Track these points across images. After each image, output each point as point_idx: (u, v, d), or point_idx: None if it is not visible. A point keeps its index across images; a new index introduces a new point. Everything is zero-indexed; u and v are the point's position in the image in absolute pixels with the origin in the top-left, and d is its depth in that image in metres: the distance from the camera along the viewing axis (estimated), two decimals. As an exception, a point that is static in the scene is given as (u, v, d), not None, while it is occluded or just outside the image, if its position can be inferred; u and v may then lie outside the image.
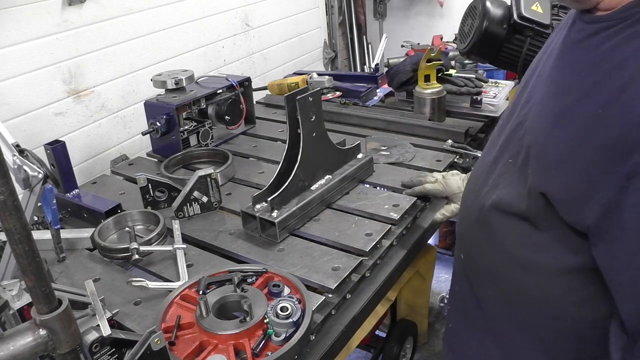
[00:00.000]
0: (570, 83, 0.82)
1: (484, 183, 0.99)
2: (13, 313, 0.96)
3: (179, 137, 1.77)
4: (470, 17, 1.60)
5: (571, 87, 0.82)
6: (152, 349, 0.85)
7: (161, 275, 1.25)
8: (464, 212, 1.10)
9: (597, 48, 0.79)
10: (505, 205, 0.92)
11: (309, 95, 1.34)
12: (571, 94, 0.81)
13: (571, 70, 0.84)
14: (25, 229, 0.59)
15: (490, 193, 0.96)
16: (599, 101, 0.75)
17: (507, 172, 0.93)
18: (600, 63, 0.77)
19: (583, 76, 0.80)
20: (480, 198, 0.99)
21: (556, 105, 0.84)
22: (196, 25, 2.29)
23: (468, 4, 1.62)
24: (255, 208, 1.34)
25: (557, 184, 0.81)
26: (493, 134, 1.08)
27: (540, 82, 0.92)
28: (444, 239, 3.06)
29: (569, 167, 0.78)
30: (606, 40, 0.78)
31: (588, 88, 0.77)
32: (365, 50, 3.43)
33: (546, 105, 0.87)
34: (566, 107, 0.81)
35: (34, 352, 0.65)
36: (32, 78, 1.71)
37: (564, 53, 0.87)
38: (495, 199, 0.94)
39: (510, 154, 0.94)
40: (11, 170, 1.04)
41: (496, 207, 0.94)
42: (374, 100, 2.16)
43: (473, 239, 1.04)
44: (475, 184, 1.03)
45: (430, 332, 2.61)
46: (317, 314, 1.09)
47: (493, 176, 0.97)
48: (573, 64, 0.84)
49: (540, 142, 0.85)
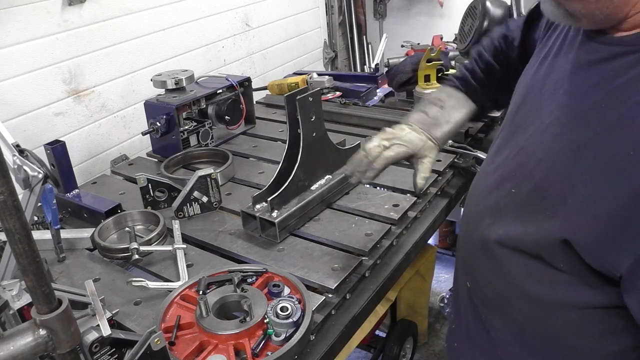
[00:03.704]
0: (588, 114, 0.74)
1: (486, 209, 0.94)
2: (13, 313, 0.96)
3: (179, 137, 1.77)
4: (470, 17, 1.60)
5: (589, 119, 0.74)
6: (152, 349, 0.85)
7: (161, 275, 1.25)
8: (465, 233, 1.04)
9: (617, 76, 0.71)
10: (513, 242, 0.85)
11: (309, 95, 1.34)
12: (590, 127, 0.73)
13: (586, 99, 0.76)
14: (25, 229, 0.59)
15: (495, 226, 0.90)
16: (629, 140, 0.68)
17: (511, 202, 0.87)
18: (623, 95, 0.70)
19: (603, 108, 0.72)
20: (482, 226, 0.94)
21: (573, 139, 0.76)
22: (196, 25, 2.29)
23: (468, 4, 1.62)
24: (255, 208, 1.34)
25: (583, 230, 0.73)
26: (492, 145, 1.04)
27: (545, 102, 0.85)
28: (444, 239, 3.06)
29: (596, 212, 0.71)
30: (628, 68, 0.70)
31: (612, 123, 0.70)
32: (365, 50, 3.43)
33: (559, 136, 0.79)
34: (587, 142, 0.73)
35: (34, 352, 0.65)
36: (32, 78, 1.71)
37: (575, 75, 0.80)
38: (502, 235, 0.88)
39: (513, 183, 0.87)
40: (11, 170, 1.04)
41: (502, 244, 0.88)
42: (374, 100, 2.16)
43: (478, 268, 0.98)
44: (477, 205, 0.98)
45: (430, 332, 2.61)
46: (317, 314, 1.09)
47: (494, 202, 0.91)
48: (588, 91, 0.76)
49: (559, 181, 0.77)
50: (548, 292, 0.83)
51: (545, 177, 0.80)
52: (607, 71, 0.74)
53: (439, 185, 1.54)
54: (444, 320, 2.75)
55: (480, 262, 0.97)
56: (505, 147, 0.94)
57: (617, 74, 0.72)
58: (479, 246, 0.96)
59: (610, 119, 0.71)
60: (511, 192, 0.87)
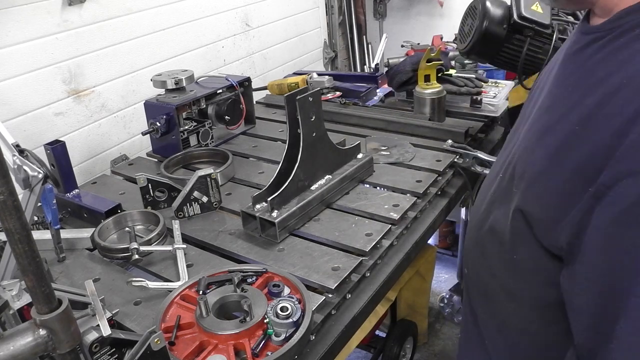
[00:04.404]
0: (560, 98, 0.80)
1: (484, 199, 0.98)
2: (13, 313, 0.96)
3: (179, 137, 1.77)
4: (470, 17, 1.60)
5: (559, 103, 0.79)
6: (152, 349, 0.85)
7: (161, 275, 1.25)
8: (470, 225, 1.07)
9: (585, 62, 0.76)
10: (496, 229, 0.90)
11: (309, 95, 1.34)
12: (557, 110, 0.79)
13: (563, 84, 0.81)
14: (25, 229, 0.59)
15: (488, 213, 0.94)
16: (579, 118, 0.72)
17: (499, 189, 0.92)
18: (585, 78, 0.75)
19: (570, 91, 0.77)
20: (480, 216, 0.98)
21: (544, 122, 0.81)
22: (196, 25, 2.29)
23: (468, 4, 1.62)
24: (255, 208, 1.34)
25: (534, 202, 0.78)
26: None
27: (540, 96, 0.90)
28: (444, 239, 3.06)
29: (546, 185, 0.76)
30: (594, 53, 0.75)
31: (572, 104, 0.75)
32: (365, 50, 3.43)
33: (537, 121, 0.84)
34: (551, 123, 0.79)
35: (34, 352, 0.65)
36: (32, 78, 1.71)
37: (561, 65, 0.85)
38: (492, 221, 0.92)
39: (503, 169, 0.92)
40: (11, 170, 1.04)
41: (491, 230, 0.92)
42: (374, 100, 2.16)
43: (471, 258, 1.03)
44: (482, 197, 1.02)
45: (430, 332, 2.61)
46: (317, 314, 1.09)
47: (492, 191, 0.95)
48: (565, 78, 0.81)
49: (523, 159, 0.83)
50: (517, 285, 0.87)
51: (519, 158, 0.85)
52: (579, 59, 0.78)
53: (439, 185, 1.54)
54: (443, 320, 2.76)
55: (473, 252, 1.01)
56: (510, 140, 0.99)
57: (585, 60, 0.76)
58: (475, 237, 0.99)
59: (572, 101, 0.76)
60: (499, 177, 0.92)
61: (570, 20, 1.64)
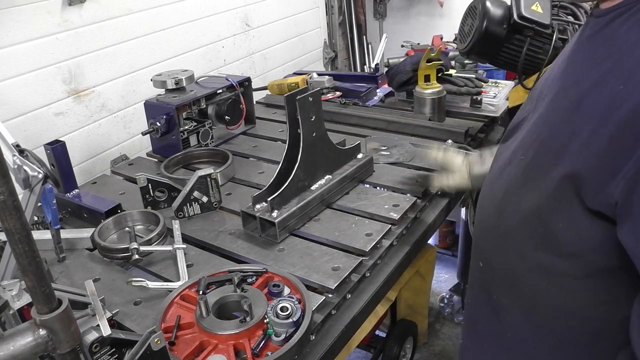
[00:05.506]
0: (587, 71, 0.82)
1: (500, 185, 0.98)
2: (13, 313, 0.96)
3: (179, 137, 1.77)
4: (470, 17, 1.60)
5: (588, 75, 0.82)
6: (152, 349, 0.85)
7: (161, 275, 1.25)
8: (481, 217, 1.07)
9: (613, 34, 0.79)
10: (522, 209, 0.90)
11: (309, 95, 1.34)
12: (588, 81, 0.81)
13: (588, 60, 0.84)
14: (25, 229, 0.59)
15: (507, 198, 0.95)
16: (620, 78, 0.75)
17: (519, 170, 0.92)
18: (617, 46, 0.78)
19: (599, 62, 0.80)
20: (497, 201, 0.98)
21: (573, 94, 0.83)
22: (196, 25, 2.29)
23: (468, 4, 1.62)
24: (255, 208, 1.34)
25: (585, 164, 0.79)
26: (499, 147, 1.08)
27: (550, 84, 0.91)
28: (444, 239, 3.06)
29: (594, 147, 0.77)
30: (620, 25, 0.78)
31: (606, 70, 0.78)
32: (365, 50, 3.43)
33: (562, 97, 0.86)
34: (586, 92, 0.80)
35: (34, 352, 0.65)
36: (32, 78, 1.71)
37: (578, 50, 0.88)
38: (513, 204, 0.93)
39: (522, 151, 0.93)
40: (11, 170, 1.04)
41: (512, 214, 0.93)
42: (374, 100, 2.16)
43: (491, 245, 1.02)
44: (492, 187, 1.02)
45: (430, 332, 2.62)
46: (317, 314, 1.09)
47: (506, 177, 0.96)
48: (590, 55, 0.84)
49: (562, 133, 0.83)
50: (553, 261, 0.87)
51: (549, 134, 0.86)
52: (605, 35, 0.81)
53: (439, 185, 1.54)
54: (443, 320, 2.76)
55: (493, 239, 1.01)
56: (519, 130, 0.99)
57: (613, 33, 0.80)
58: (493, 224, 0.99)
59: (604, 68, 0.78)
60: (520, 159, 0.93)
61: (570, 20, 1.64)
